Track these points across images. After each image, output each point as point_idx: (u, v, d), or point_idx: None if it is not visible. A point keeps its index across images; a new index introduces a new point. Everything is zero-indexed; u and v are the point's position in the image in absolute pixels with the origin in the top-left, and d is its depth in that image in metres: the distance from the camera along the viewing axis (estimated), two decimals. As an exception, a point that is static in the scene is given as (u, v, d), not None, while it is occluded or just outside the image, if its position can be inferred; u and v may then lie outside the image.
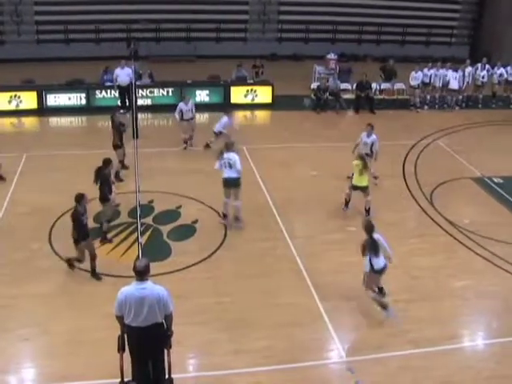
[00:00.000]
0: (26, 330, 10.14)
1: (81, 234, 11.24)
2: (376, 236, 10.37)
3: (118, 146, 15.51)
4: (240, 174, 13.29)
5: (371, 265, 10.25)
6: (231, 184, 13.23)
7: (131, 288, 7.87)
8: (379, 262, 10.31)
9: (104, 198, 12.59)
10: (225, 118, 17.37)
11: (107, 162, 12.77)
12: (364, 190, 13.97)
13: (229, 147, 13.39)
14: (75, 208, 11.22)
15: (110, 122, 15.77)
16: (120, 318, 7.96)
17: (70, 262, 11.65)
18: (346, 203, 14.30)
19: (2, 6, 28.00)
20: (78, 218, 11.12)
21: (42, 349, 9.85)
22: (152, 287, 7.88)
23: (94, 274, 11.51)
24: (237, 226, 13.53)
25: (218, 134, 17.17)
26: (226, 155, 13.20)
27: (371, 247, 10.24)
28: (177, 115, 17.94)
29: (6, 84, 21.54)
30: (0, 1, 27.97)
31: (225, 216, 13.64)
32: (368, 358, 9.67)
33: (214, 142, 17.07)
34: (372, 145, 15.31)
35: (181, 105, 18.03)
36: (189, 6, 29.66)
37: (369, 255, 10.24)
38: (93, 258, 11.46)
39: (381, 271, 10.42)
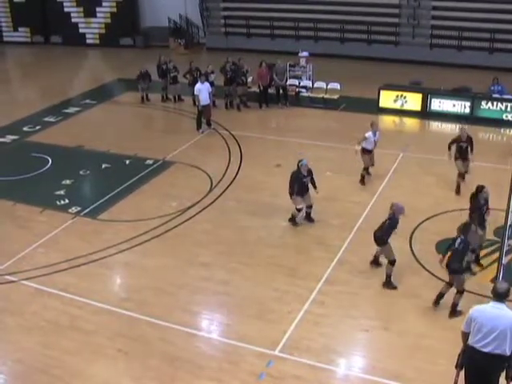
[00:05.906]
0: (369, 321, 10.54)
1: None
2: None
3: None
4: None
5: None
6: None
7: (485, 306, 7.62)
8: None
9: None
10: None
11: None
12: None
13: None
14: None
15: None
16: (465, 336, 7.75)
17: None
18: None
19: (400, 9, 29.10)
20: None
21: (378, 343, 10.15)
22: (507, 311, 7.46)
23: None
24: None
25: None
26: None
27: None
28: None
29: (395, 83, 22.34)
30: (400, 3, 29.11)
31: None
32: None
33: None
34: None
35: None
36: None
37: None
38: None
39: None
